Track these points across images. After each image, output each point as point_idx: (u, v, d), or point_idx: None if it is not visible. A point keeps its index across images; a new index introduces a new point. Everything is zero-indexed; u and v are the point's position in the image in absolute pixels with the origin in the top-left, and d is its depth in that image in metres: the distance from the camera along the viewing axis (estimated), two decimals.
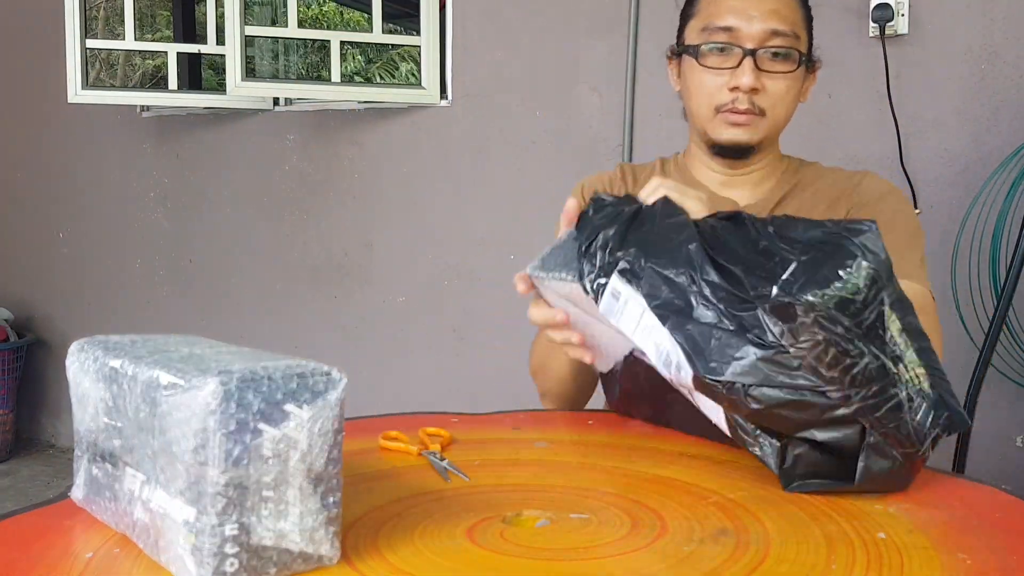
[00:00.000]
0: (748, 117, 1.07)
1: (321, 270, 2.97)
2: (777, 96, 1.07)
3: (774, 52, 1.05)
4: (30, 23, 3.38)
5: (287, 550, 0.58)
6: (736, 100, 1.06)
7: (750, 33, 1.05)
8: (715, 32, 1.06)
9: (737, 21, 1.05)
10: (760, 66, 1.05)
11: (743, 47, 1.05)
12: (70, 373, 0.71)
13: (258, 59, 8.73)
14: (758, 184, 1.16)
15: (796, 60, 1.06)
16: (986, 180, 1.96)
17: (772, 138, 1.12)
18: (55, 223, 3.45)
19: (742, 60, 1.05)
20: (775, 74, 1.06)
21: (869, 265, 0.67)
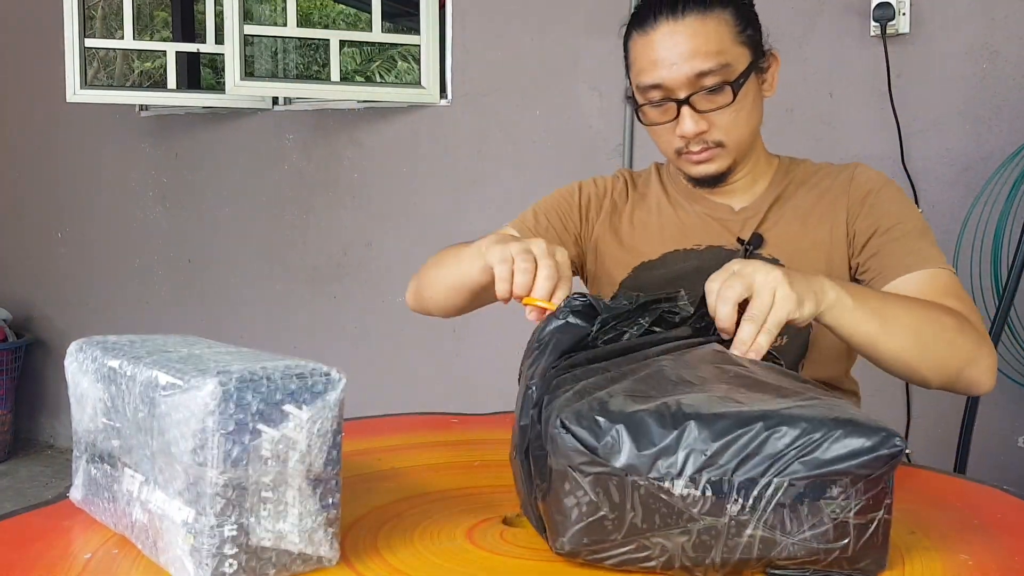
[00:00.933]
0: (707, 154, 1.07)
1: (320, 270, 2.97)
2: (727, 127, 1.06)
3: (707, 91, 1.03)
4: (28, 22, 3.37)
5: (286, 551, 0.58)
6: (688, 144, 1.07)
7: (678, 82, 1.03)
8: (647, 91, 1.06)
9: (662, 74, 1.03)
10: (698, 109, 1.04)
11: (676, 99, 1.04)
12: (69, 373, 0.71)
13: (257, 58, 8.73)
14: (748, 187, 1.16)
15: (731, 92, 1.04)
16: (988, 179, 1.95)
17: (741, 155, 1.12)
18: (54, 223, 3.45)
19: (679, 111, 1.04)
20: (716, 111, 1.04)
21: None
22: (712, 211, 1.16)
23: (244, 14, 2.62)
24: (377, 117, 2.84)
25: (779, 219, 1.13)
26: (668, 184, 1.22)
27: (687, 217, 1.17)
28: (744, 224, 1.13)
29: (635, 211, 1.20)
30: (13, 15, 3.43)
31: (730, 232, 1.14)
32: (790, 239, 1.11)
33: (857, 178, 1.12)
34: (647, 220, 1.19)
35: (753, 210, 1.14)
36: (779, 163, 1.19)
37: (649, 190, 1.22)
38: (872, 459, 0.58)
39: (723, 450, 0.57)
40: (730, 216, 1.15)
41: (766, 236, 1.12)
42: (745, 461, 0.57)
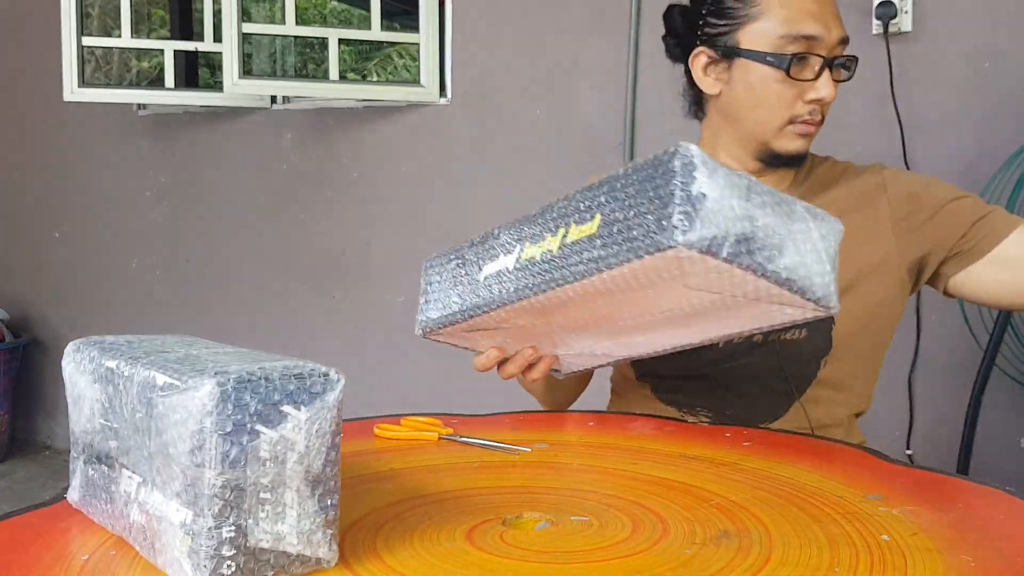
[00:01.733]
0: (815, 128, 1.04)
1: (319, 269, 2.96)
2: (832, 104, 1.04)
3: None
4: (25, 20, 3.37)
5: (284, 552, 0.57)
6: (812, 112, 1.02)
7: (830, 42, 1.00)
8: (798, 40, 1.00)
9: (819, 29, 1.00)
10: (835, 76, 1.02)
11: (824, 57, 1.00)
12: (66, 374, 0.70)
13: (255, 56, 8.72)
14: (776, 184, 1.11)
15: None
16: (990, 179, 1.95)
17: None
18: (51, 222, 3.44)
19: (820, 71, 1.00)
20: (841, 83, 1.03)
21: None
22: None
23: (242, 12, 2.62)
24: (376, 116, 2.83)
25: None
26: None
27: None
28: None
29: None
30: (9, 13, 3.42)
31: None
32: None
33: (889, 178, 1.09)
34: None
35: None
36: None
37: None
38: None
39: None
40: None
41: None
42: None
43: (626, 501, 0.75)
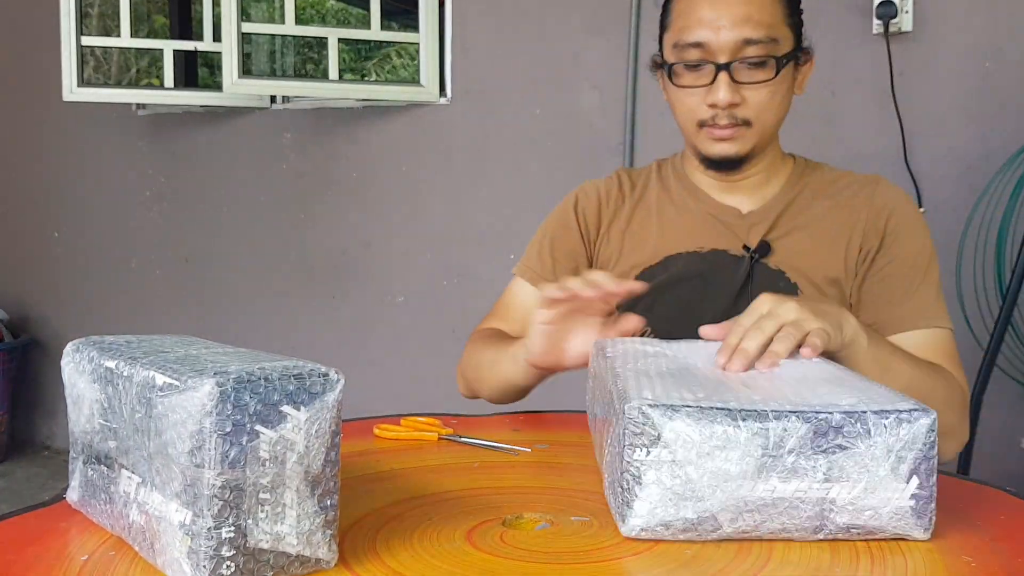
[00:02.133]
0: (732, 131, 1.02)
1: (319, 269, 2.96)
2: (760, 105, 1.02)
3: (750, 62, 1.00)
4: (24, 20, 3.37)
5: (284, 553, 0.57)
6: (716, 116, 1.02)
7: (721, 45, 0.99)
8: (686, 49, 1.01)
9: (707, 34, 0.99)
10: (736, 78, 0.99)
11: (715, 62, 0.99)
12: (65, 374, 0.70)
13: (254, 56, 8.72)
14: (758, 188, 1.11)
15: (775, 67, 1.00)
16: (991, 178, 1.95)
17: (764, 144, 1.07)
18: (50, 222, 3.44)
19: (716, 76, 1.00)
20: (754, 84, 1.00)
21: None
22: (718, 212, 1.11)
23: (242, 12, 2.62)
24: (376, 115, 2.83)
25: (790, 228, 1.09)
26: (671, 182, 1.16)
27: (690, 218, 1.12)
28: (751, 229, 1.09)
29: (634, 215, 1.16)
30: (8, 12, 3.42)
31: (736, 236, 1.09)
32: (799, 252, 1.07)
33: (877, 199, 1.08)
34: (646, 222, 1.15)
35: (762, 215, 1.10)
36: (794, 165, 1.14)
37: (649, 190, 1.17)
38: None
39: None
40: (737, 220, 1.10)
41: (774, 245, 1.07)
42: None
43: None
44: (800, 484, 0.62)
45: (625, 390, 0.66)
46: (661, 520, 0.62)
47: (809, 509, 0.62)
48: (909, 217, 1.08)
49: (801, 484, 0.61)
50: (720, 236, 1.10)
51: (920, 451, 0.62)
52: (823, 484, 0.62)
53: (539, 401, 1.19)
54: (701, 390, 0.67)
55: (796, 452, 0.61)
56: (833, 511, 0.62)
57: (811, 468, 0.61)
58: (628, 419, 0.62)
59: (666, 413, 0.61)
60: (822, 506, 0.62)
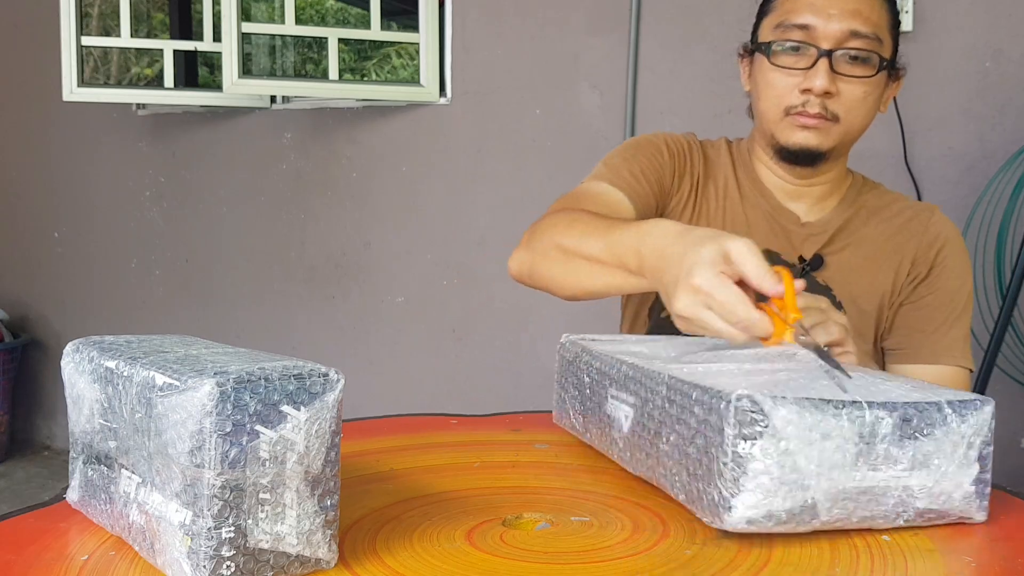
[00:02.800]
0: (819, 121, 1.00)
1: (319, 270, 2.96)
2: (852, 102, 1.00)
3: (852, 55, 0.99)
4: (24, 20, 3.37)
5: (284, 553, 0.57)
6: (807, 103, 1.00)
7: (827, 32, 0.98)
8: (790, 30, 1.00)
9: (814, 19, 0.98)
10: (836, 69, 0.98)
11: (819, 47, 0.98)
12: (65, 374, 0.70)
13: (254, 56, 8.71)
14: (821, 199, 1.10)
15: (876, 65, 0.99)
16: (991, 179, 1.95)
17: (844, 147, 1.06)
18: (50, 222, 3.44)
19: (816, 61, 0.98)
20: (852, 78, 0.99)
21: None
22: (779, 215, 1.10)
23: (242, 12, 2.62)
24: (376, 116, 2.83)
25: (844, 246, 1.08)
26: (739, 168, 1.13)
27: (752, 212, 1.10)
28: (807, 240, 1.08)
29: (705, 187, 1.12)
30: (8, 12, 3.42)
31: (792, 244, 1.08)
32: (850, 271, 1.07)
33: (931, 229, 1.09)
34: (712, 201, 1.11)
35: (820, 227, 1.09)
36: (853, 180, 1.13)
37: (719, 167, 1.13)
38: None
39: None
40: (796, 227, 1.09)
41: (828, 260, 1.07)
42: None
43: (626, 501, 0.74)
44: (889, 472, 0.64)
45: (712, 384, 0.65)
46: (767, 511, 0.62)
47: (894, 496, 0.65)
48: (957, 253, 1.09)
49: (889, 472, 0.64)
50: (776, 239, 1.09)
51: (984, 437, 0.71)
52: (907, 471, 0.65)
53: (539, 401, 1.19)
54: (775, 383, 0.67)
55: (888, 440, 0.64)
56: (913, 497, 0.66)
57: (899, 456, 0.64)
58: (735, 409, 0.61)
59: (777, 403, 0.61)
60: (905, 493, 0.65)
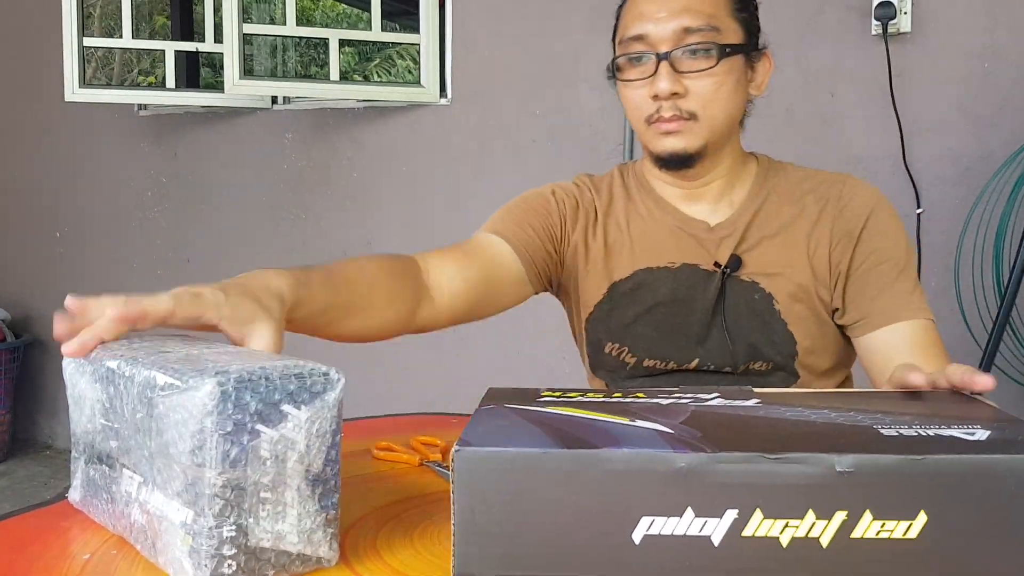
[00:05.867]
0: (678, 123, 1.00)
1: None
2: (704, 96, 0.99)
3: (691, 51, 0.99)
4: (26, 21, 3.37)
5: (285, 552, 0.57)
6: (660, 108, 1.00)
7: (661, 36, 0.99)
8: (628, 43, 1.02)
9: (647, 26, 1.00)
10: (678, 68, 0.99)
11: (656, 52, 0.99)
12: (67, 374, 0.70)
13: (256, 57, 8.72)
14: (723, 196, 1.09)
15: (716, 55, 0.99)
16: (989, 179, 1.95)
17: (718, 141, 1.04)
18: (52, 222, 3.44)
19: (657, 66, 0.99)
20: (695, 73, 0.99)
21: None
22: (686, 226, 1.08)
23: (243, 13, 2.62)
24: (377, 116, 2.83)
25: (759, 239, 1.06)
26: (635, 192, 1.13)
27: (659, 231, 1.09)
28: (720, 244, 1.06)
29: (606, 223, 1.12)
30: (10, 13, 3.43)
31: (706, 251, 1.07)
32: (769, 262, 1.05)
33: (845, 200, 1.05)
34: (618, 233, 1.11)
35: (729, 227, 1.07)
36: (757, 167, 1.11)
37: (614, 198, 1.14)
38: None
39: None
40: (705, 233, 1.07)
41: (744, 258, 1.05)
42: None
43: None
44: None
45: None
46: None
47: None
48: (880, 213, 1.05)
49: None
50: (690, 251, 1.07)
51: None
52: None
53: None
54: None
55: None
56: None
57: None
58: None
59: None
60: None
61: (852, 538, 0.49)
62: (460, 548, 0.51)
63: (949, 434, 0.52)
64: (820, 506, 0.49)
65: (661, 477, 0.49)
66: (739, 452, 0.50)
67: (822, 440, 0.52)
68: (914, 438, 0.52)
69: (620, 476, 0.50)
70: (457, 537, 0.51)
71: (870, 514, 0.49)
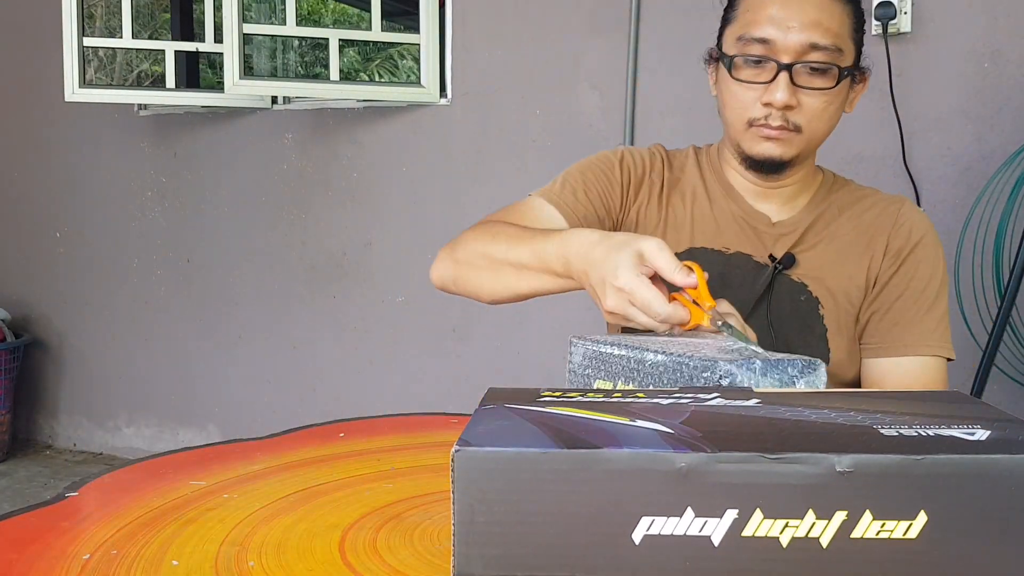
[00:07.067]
0: (781, 132, 1.01)
1: (320, 270, 2.96)
2: (814, 113, 1.01)
3: (812, 67, 1.00)
4: (26, 21, 3.37)
5: None
6: (769, 116, 1.01)
7: (787, 46, 0.99)
8: (750, 44, 1.01)
9: (774, 32, 0.99)
10: (796, 81, 0.99)
11: (778, 61, 0.99)
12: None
13: (256, 57, 8.73)
14: (790, 199, 1.11)
15: (836, 76, 1.00)
16: (989, 179, 1.95)
17: (808, 153, 1.07)
18: (52, 222, 3.44)
19: (777, 75, 0.98)
20: (812, 90, 1.00)
21: None
22: (749, 217, 1.10)
23: (243, 13, 2.62)
24: (377, 116, 2.83)
25: (816, 243, 1.09)
26: (707, 174, 1.14)
27: (721, 215, 1.11)
28: (778, 240, 1.09)
29: (670, 196, 1.13)
30: (10, 13, 3.42)
31: (763, 244, 1.09)
32: (822, 267, 1.07)
33: (901, 221, 1.08)
34: (679, 208, 1.12)
35: (790, 226, 1.09)
36: (823, 178, 1.14)
37: (685, 175, 1.15)
38: None
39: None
40: (766, 227, 1.10)
41: (799, 258, 1.08)
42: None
43: None
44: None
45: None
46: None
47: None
48: (928, 243, 1.08)
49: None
50: (747, 241, 1.09)
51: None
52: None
53: None
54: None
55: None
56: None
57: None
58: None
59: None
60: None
61: (852, 538, 0.49)
62: (460, 548, 0.51)
63: (949, 434, 0.52)
64: (820, 506, 0.49)
65: (661, 477, 0.49)
66: (739, 452, 0.50)
67: (822, 440, 0.52)
68: (914, 438, 0.52)
69: (620, 476, 0.50)
70: (457, 537, 0.51)
71: (870, 514, 0.49)
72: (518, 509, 0.50)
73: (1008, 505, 0.48)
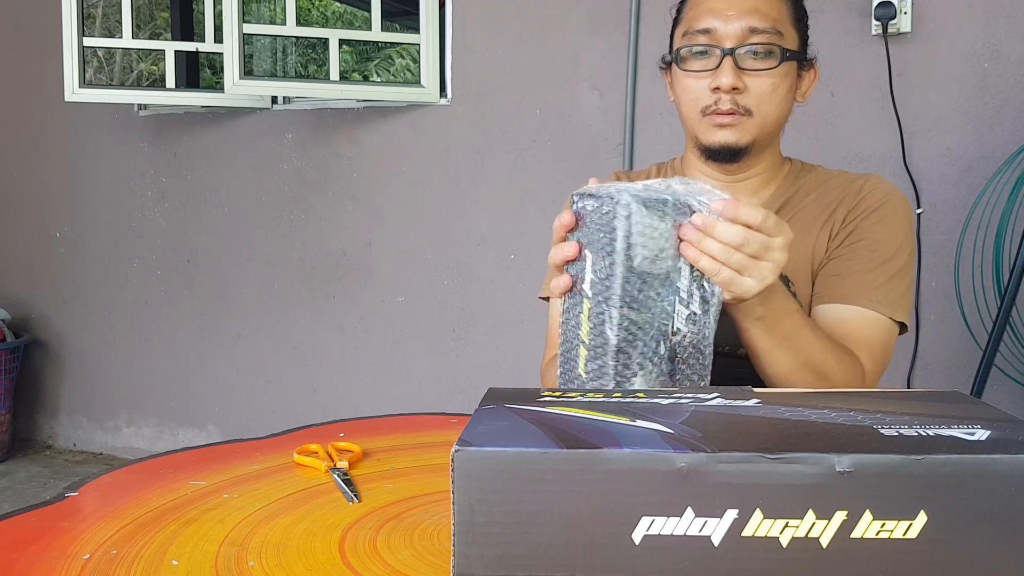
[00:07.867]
0: (733, 117, 1.05)
1: (320, 270, 2.96)
2: (762, 95, 1.05)
3: (755, 50, 1.04)
4: (26, 20, 3.37)
5: None
6: (719, 101, 1.05)
7: (728, 32, 1.04)
8: (694, 35, 1.06)
9: (715, 22, 1.05)
10: (740, 65, 1.04)
11: (722, 47, 1.05)
12: None
13: (256, 57, 8.73)
14: (757, 191, 1.13)
15: (778, 57, 1.05)
16: (989, 179, 1.95)
17: (764, 139, 1.10)
18: (52, 222, 3.44)
19: (721, 60, 1.05)
20: (756, 72, 1.04)
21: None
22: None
23: (243, 13, 2.62)
24: (376, 116, 2.83)
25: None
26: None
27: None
28: None
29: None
30: (10, 13, 3.43)
31: None
32: (792, 247, 1.10)
33: (865, 191, 1.10)
34: None
35: None
36: (790, 167, 1.16)
37: None
38: None
39: None
40: None
41: None
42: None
43: None
44: None
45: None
46: None
47: None
48: (889, 210, 1.09)
49: None
50: None
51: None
52: None
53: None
54: None
55: None
56: None
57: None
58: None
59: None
60: None
61: (852, 538, 0.49)
62: (460, 548, 0.51)
63: (949, 434, 0.52)
64: (820, 506, 0.49)
65: (661, 477, 0.49)
66: (739, 452, 0.50)
67: (822, 440, 0.52)
68: (914, 438, 0.52)
69: (620, 476, 0.50)
70: (457, 537, 0.51)
71: (870, 514, 0.49)
72: (518, 509, 0.50)
73: (1008, 505, 0.48)
